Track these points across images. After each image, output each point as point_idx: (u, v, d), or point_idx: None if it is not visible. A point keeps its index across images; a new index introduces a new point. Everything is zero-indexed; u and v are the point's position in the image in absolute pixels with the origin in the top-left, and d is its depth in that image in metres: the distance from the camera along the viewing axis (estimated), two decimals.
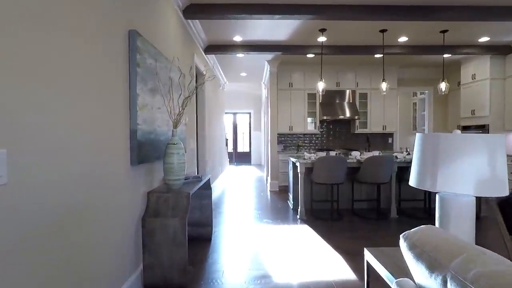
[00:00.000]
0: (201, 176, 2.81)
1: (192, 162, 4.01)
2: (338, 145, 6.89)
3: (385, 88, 4.44)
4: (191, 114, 3.96)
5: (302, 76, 6.52)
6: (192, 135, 4.00)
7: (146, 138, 2.16)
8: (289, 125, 6.53)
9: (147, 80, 2.19)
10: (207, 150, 5.18)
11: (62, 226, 1.30)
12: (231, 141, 12.40)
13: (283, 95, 6.52)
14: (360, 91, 6.58)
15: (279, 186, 6.31)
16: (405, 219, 4.04)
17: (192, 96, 2.51)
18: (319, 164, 3.88)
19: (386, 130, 6.63)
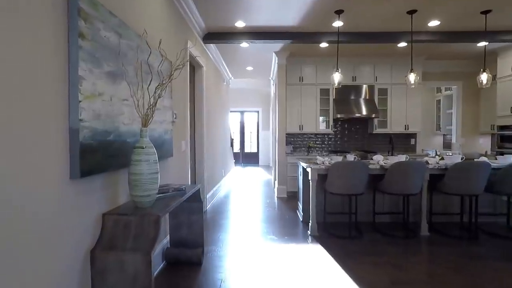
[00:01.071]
0: (184, 187, 2.20)
1: (183, 167, 3.41)
2: (353, 147, 6.20)
3: (413, 80, 3.74)
4: (182, 110, 3.37)
5: (314, 70, 5.85)
6: (183, 136, 3.41)
7: (100, 140, 1.56)
8: (299, 124, 5.88)
9: (103, 60, 1.59)
10: (206, 152, 4.59)
11: None
12: (238, 141, 11.81)
13: (292, 91, 5.87)
14: (379, 86, 5.86)
15: (288, 192, 5.66)
16: (439, 237, 3.34)
17: (166, 84, 1.90)
18: (335, 171, 3.23)
19: (409, 130, 5.89)
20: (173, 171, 2.96)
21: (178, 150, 3.17)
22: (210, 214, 4.37)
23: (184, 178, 3.43)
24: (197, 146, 4.51)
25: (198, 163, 4.51)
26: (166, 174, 2.73)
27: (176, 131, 3.10)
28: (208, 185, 4.88)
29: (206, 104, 4.79)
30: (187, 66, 3.50)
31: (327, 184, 3.34)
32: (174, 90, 2.98)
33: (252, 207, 4.81)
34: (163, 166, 2.66)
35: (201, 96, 4.46)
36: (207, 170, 4.77)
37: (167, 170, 2.79)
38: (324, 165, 3.39)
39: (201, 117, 4.48)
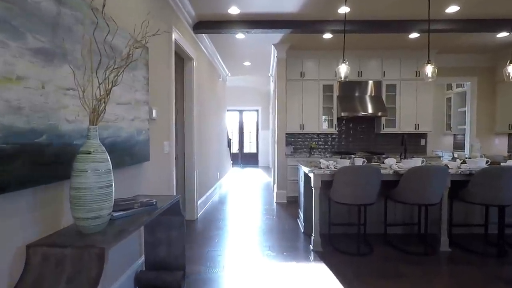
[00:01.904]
0: (154, 202, 1.75)
1: (166, 172, 2.97)
2: (359, 148, 5.74)
3: (431, 72, 3.28)
4: (165, 106, 2.92)
5: (316, 64, 5.40)
6: (166, 136, 2.96)
7: (20, 142, 1.12)
8: (300, 123, 5.42)
9: (26, 31, 1.14)
10: (197, 154, 4.14)
11: None
12: (237, 141, 11.36)
13: (293, 87, 5.41)
14: (387, 82, 5.40)
15: (288, 197, 5.21)
16: (462, 254, 2.88)
17: (123, 69, 1.44)
18: (341, 178, 2.77)
19: (419, 129, 5.43)
20: (150, 179, 2.51)
21: (158, 152, 2.72)
22: (201, 223, 3.92)
23: (167, 185, 2.98)
24: (186, 148, 4.06)
25: (188, 166, 4.06)
26: (138, 183, 2.28)
27: (156, 130, 2.65)
28: (200, 190, 4.44)
29: (198, 101, 4.34)
30: (171, 56, 3.06)
31: (333, 192, 2.89)
32: (152, 82, 2.53)
33: (248, 214, 4.36)
34: (134, 174, 2.21)
35: (191, 91, 4.01)
36: (198, 173, 4.33)
37: (141, 178, 2.34)
38: (329, 170, 2.94)
39: (191, 115, 4.03)
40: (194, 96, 4.03)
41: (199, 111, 4.48)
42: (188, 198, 4.08)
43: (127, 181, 2.09)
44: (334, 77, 5.38)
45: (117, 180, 1.91)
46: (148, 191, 2.45)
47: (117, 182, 1.92)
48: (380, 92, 5.40)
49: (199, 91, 4.44)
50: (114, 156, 1.80)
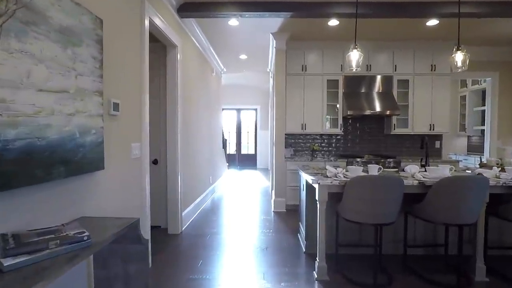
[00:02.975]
0: (85, 236, 1.18)
1: (135, 182, 2.39)
2: (366, 150, 5.16)
3: (461, 61, 2.70)
4: (133, 99, 2.34)
5: (320, 56, 4.82)
6: (135, 136, 2.38)
7: None
8: (302, 123, 4.85)
9: None
10: (181, 157, 3.56)
11: None
12: (234, 142, 10.79)
13: (293, 82, 4.84)
14: (399, 77, 4.83)
15: (287, 205, 4.64)
16: (503, 285, 2.31)
17: None
18: (355, 190, 2.20)
19: (434, 130, 4.85)
20: (105, 193, 1.93)
21: (122, 158, 2.15)
22: (186, 238, 3.35)
23: (136, 198, 2.41)
24: (169, 150, 3.49)
25: (171, 172, 3.49)
26: (82, 202, 1.70)
27: (117, 129, 2.08)
28: (186, 199, 3.86)
29: (184, 96, 3.77)
30: (144, 38, 2.48)
31: (342, 208, 2.32)
32: (112, 67, 1.96)
33: (242, 227, 3.79)
34: (75, 189, 1.63)
35: (174, 84, 3.44)
36: (184, 180, 3.75)
37: (88, 194, 1.76)
38: (338, 180, 2.36)
39: (174, 112, 3.46)
40: (178, 90, 3.46)
41: (186, 108, 3.91)
42: (171, 209, 3.50)
43: (62, 200, 1.52)
44: (339, 71, 4.81)
45: (37, 200, 1.35)
46: (101, 211, 1.87)
47: (39, 203, 1.35)
48: (390, 88, 4.83)
49: (185, 85, 3.87)
50: (32, 166, 1.23)
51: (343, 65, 4.79)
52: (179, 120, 3.49)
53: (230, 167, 10.43)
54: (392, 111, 4.54)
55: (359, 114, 4.57)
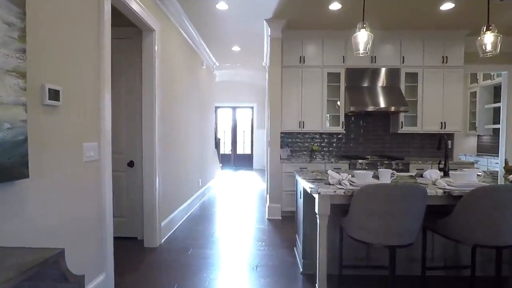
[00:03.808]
0: None
1: (85, 195, 1.91)
2: (370, 151, 4.71)
3: (491, 44, 2.23)
4: (79, 84, 1.86)
5: (320, 47, 4.36)
6: (88, 133, 1.90)
7: None
8: (300, 120, 4.39)
9: None
10: (160, 159, 3.09)
11: None
12: (230, 141, 10.32)
13: (290, 76, 4.37)
14: (407, 70, 4.37)
15: (283, 211, 4.17)
16: None
17: None
18: (365, 203, 1.73)
19: (446, 129, 4.40)
20: (32, 210, 1.46)
21: (70, 161, 1.67)
22: (163, 254, 2.88)
23: (89, 209, 1.93)
24: (145, 150, 3.02)
25: (147, 175, 3.02)
26: None
27: (60, 125, 1.60)
28: (167, 206, 3.39)
29: (164, 89, 3.30)
30: (101, 13, 2.00)
31: (348, 224, 1.85)
32: (44, 41, 1.49)
33: (231, 238, 3.32)
34: None
35: (150, 75, 2.97)
36: (164, 184, 3.28)
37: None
38: (343, 189, 1.89)
39: (150, 107, 2.99)
40: (155, 81, 2.98)
41: (169, 104, 3.44)
42: (147, 218, 3.03)
43: None
44: (341, 63, 4.34)
45: None
46: (25, 233, 1.40)
47: None
48: (397, 82, 4.37)
49: (167, 77, 3.39)
50: None
51: (345, 56, 4.33)
52: (156, 116, 3.02)
53: (224, 167, 9.97)
54: (400, 107, 4.09)
55: (363, 110, 4.11)
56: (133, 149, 3.17)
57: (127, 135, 3.20)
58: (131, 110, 3.16)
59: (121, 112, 3.18)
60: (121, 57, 3.14)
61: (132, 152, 3.19)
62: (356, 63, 4.33)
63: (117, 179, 3.20)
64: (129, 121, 3.18)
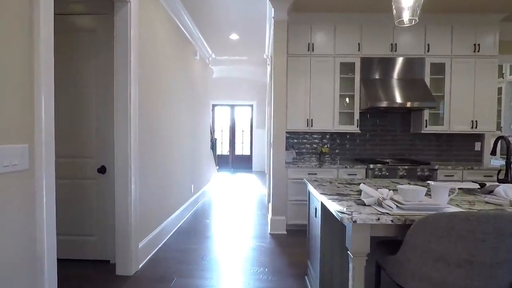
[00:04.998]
0: None
1: (11, 214, 1.27)
2: (388, 154, 4.10)
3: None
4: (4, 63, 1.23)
5: (331, 33, 3.74)
6: (16, 132, 1.26)
7: None
8: (307, 118, 3.77)
9: None
10: (135, 166, 2.46)
11: None
12: (228, 142, 9.70)
13: (297, 66, 3.76)
14: (432, 60, 3.76)
15: (288, 225, 3.56)
16: None
17: None
18: (432, 241, 1.11)
19: (477, 128, 3.79)
20: None
21: None
22: (141, 286, 2.25)
23: (6, 238, 1.30)
24: (117, 155, 2.39)
25: (120, 186, 2.40)
26: None
27: None
28: (146, 224, 2.77)
29: (142, 79, 2.67)
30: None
31: (398, 268, 1.23)
32: None
33: (225, 263, 2.70)
34: None
35: (124, 59, 2.34)
36: (143, 196, 2.66)
37: None
38: (391, 214, 1.27)
39: (124, 100, 2.36)
40: (130, 68, 2.36)
41: (149, 97, 2.81)
42: (120, 240, 2.41)
43: None
44: (356, 51, 3.73)
45: None
46: None
47: None
48: (422, 74, 3.76)
49: (148, 65, 2.77)
50: None
51: (361, 44, 3.72)
52: (132, 112, 2.39)
53: (222, 170, 9.36)
54: (426, 103, 3.48)
55: (382, 107, 3.50)
56: (106, 152, 2.55)
57: (98, 135, 2.58)
58: (104, 105, 2.53)
59: (90, 107, 2.56)
60: (89, 38, 2.52)
61: (104, 155, 2.57)
62: (373, 51, 3.72)
63: (85, 189, 2.59)
64: (101, 118, 2.55)
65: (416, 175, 3.49)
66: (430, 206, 1.34)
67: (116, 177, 2.39)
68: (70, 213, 2.60)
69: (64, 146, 2.55)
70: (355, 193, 1.78)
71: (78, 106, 2.56)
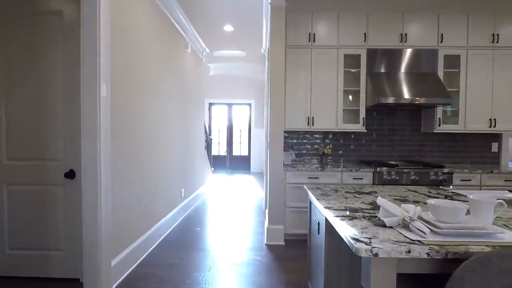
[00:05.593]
0: None
1: None
2: (397, 155, 3.74)
3: None
4: None
5: (335, 20, 3.39)
6: None
7: None
8: (308, 116, 3.42)
9: None
10: (105, 168, 2.10)
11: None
12: (225, 142, 9.35)
13: (297, 59, 3.40)
14: (446, 52, 3.40)
15: (287, 234, 3.20)
16: None
17: None
18: None
19: (496, 127, 3.43)
20: None
21: None
22: None
23: None
24: (85, 157, 2.04)
25: (88, 193, 2.04)
26: None
27: None
28: (124, 236, 2.41)
29: (118, 69, 2.32)
30: None
31: None
32: None
33: (214, 282, 2.34)
34: None
35: (92, 49, 1.98)
36: (114, 208, 2.30)
37: None
38: (425, 245, 0.92)
39: (92, 93, 2.00)
40: (99, 59, 2.00)
41: (126, 91, 2.46)
42: (88, 257, 2.05)
43: None
44: (362, 42, 3.38)
45: None
46: None
47: None
48: (435, 67, 3.40)
49: (123, 54, 2.42)
50: None
51: (367, 34, 3.37)
52: (101, 110, 2.03)
53: (219, 171, 9.00)
54: (441, 99, 3.12)
55: (391, 103, 3.14)
56: (75, 154, 2.19)
57: (66, 134, 2.22)
58: (74, 100, 2.18)
59: (57, 101, 2.20)
60: (55, 22, 2.17)
61: (73, 157, 2.21)
62: (381, 42, 3.37)
63: (50, 196, 2.24)
64: (71, 115, 2.20)
65: (429, 180, 3.13)
66: (476, 231, 0.99)
67: (84, 184, 2.03)
68: (33, 224, 2.25)
69: (25, 147, 2.20)
70: (368, 206, 1.43)
71: (43, 100, 2.20)
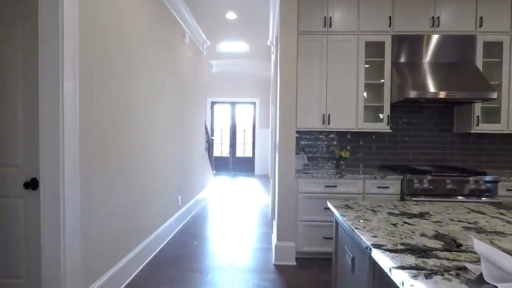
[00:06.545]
0: None
1: None
2: (425, 159, 3.24)
3: None
4: None
5: (354, 3, 2.91)
6: None
7: None
8: (323, 113, 2.93)
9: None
10: (72, 179, 1.65)
11: None
12: (228, 142, 8.89)
13: (310, 47, 2.92)
14: (486, 38, 2.90)
15: (299, 252, 2.72)
16: None
17: None
18: None
19: None
20: None
21: None
22: None
23: None
24: (45, 165, 1.58)
25: (48, 212, 1.58)
26: None
27: None
28: (101, 261, 1.95)
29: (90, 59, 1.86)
30: None
31: None
32: None
33: None
34: None
35: (53, 32, 1.53)
36: (90, 226, 1.84)
37: None
38: None
39: (54, 89, 1.55)
40: (61, 45, 1.54)
41: (108, 84, 2.00)
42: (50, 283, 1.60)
43: None
44: (387, 28, 2.89)
45: None
46: None
47: None
48: (472, 56, 2.90)
49: (98, 40, 1.96)
50: None
51: (393, 17, 2.88)
52: (64, 108, 1.58)
53: (221, 173, 8.55)
54: (482, 94, 2.62)
55: (423, 98, 2.65)
56: (38, 161, 1.74)
57: (27, 135, 1.77)
58: (37, 94, 1.72)
59: (15, 95, 1.75)
60: None
61: (37, 164, 1.75)
62: (408, 27, 2.88)
63: (8, 211, 1.78)
64: (33, 112, 1.75)
65: (468, 189, 2.63)
66: None
67: (42, 198, 1.58)
68: None
69: None
70: (435, 244, 0.94)
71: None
